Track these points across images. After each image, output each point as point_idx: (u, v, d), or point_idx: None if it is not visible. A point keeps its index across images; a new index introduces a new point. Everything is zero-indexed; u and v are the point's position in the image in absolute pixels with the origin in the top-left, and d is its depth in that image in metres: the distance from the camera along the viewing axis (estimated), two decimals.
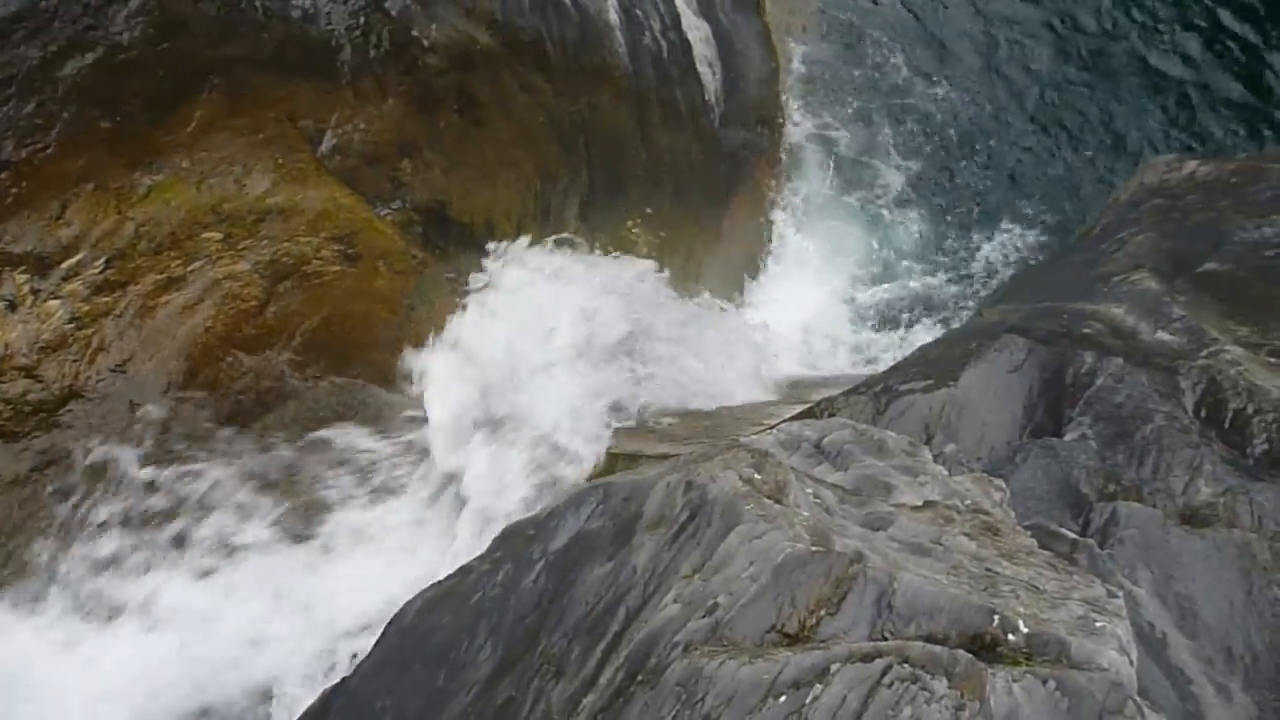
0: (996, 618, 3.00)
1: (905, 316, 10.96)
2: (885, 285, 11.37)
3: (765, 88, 12.33)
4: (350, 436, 6.30)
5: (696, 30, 11.23)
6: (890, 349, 10.07)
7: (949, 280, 11.45)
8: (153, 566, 5.65)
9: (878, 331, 10.67)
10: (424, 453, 6.43)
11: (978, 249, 11.74)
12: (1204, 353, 6.22)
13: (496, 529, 4.44)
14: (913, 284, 11.39)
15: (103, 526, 5.64)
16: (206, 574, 5.74)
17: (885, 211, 12.03)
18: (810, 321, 10.47)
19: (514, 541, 3.98)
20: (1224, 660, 4.57)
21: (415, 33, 7.46)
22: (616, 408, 6.88)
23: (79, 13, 6.04)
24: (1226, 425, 5.80)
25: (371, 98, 7.14)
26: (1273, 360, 6.25)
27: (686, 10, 11.21)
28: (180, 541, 5.77)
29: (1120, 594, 3.42)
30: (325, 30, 6.96)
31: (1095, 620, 3.13)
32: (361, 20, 7.15)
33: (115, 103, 6.10)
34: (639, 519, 3.61)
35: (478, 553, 4.20)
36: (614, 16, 9.84)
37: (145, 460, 5.83)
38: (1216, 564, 4.87)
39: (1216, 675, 4.57)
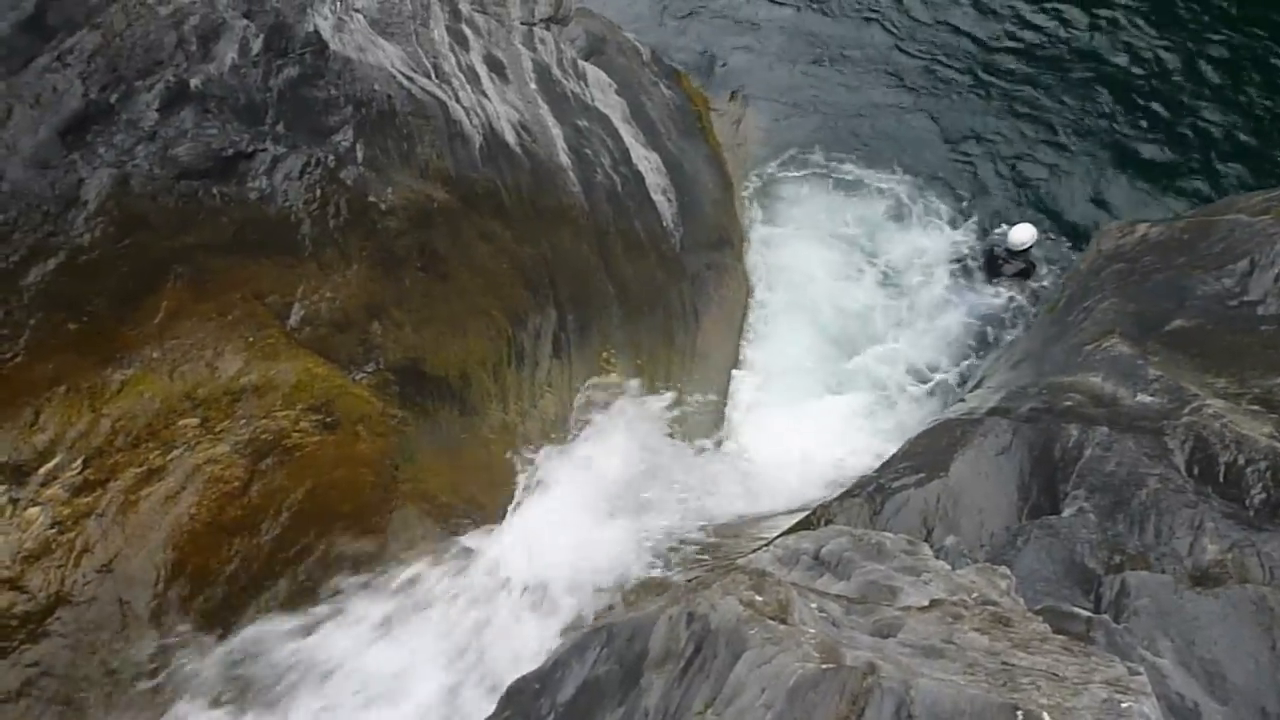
0: (1020, 713, 2.92)
1: (883, 415, 10.99)
2: (863, 388, 11.44)
3: (721, 208, 12.62)
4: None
5: (647, 161, 11.55)
6: (871, 450, 10.03)
7: (923, 373, 11.54)
8: None
9: (857, 433, 10.67)
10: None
11: (949, 336, 11.88)
12: (1186, 410, 6.23)
13: None
14: (889, 384, 11.47)
15: None
16: None
17: (855, 315, 12.19)
18: (788, 432, 10.46)
19: (521, 698, 3.88)
20: None
21: (372, 198, 7.61)
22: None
23: (39, 221, 6.14)
24: (1221, 479, 5.77)
25: (335, 266, 7.24)
26: (1255, 408, 6.27)
27: (635, 144, 11.54)
28: None
29: (1142, 670, 3.34)
30: (283, 207, 7.10)
31: (1121, 701, 3.05)
32: (318, 193, 7.30)
33: (81, 303, 6.16)
34: (645, 658, 3.52)
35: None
36: (565, 158, 10.11)
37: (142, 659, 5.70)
38: (1235, 623, 4.79)
39: None
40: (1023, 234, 11.77)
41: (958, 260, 12.67)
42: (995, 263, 12.21)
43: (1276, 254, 7.24)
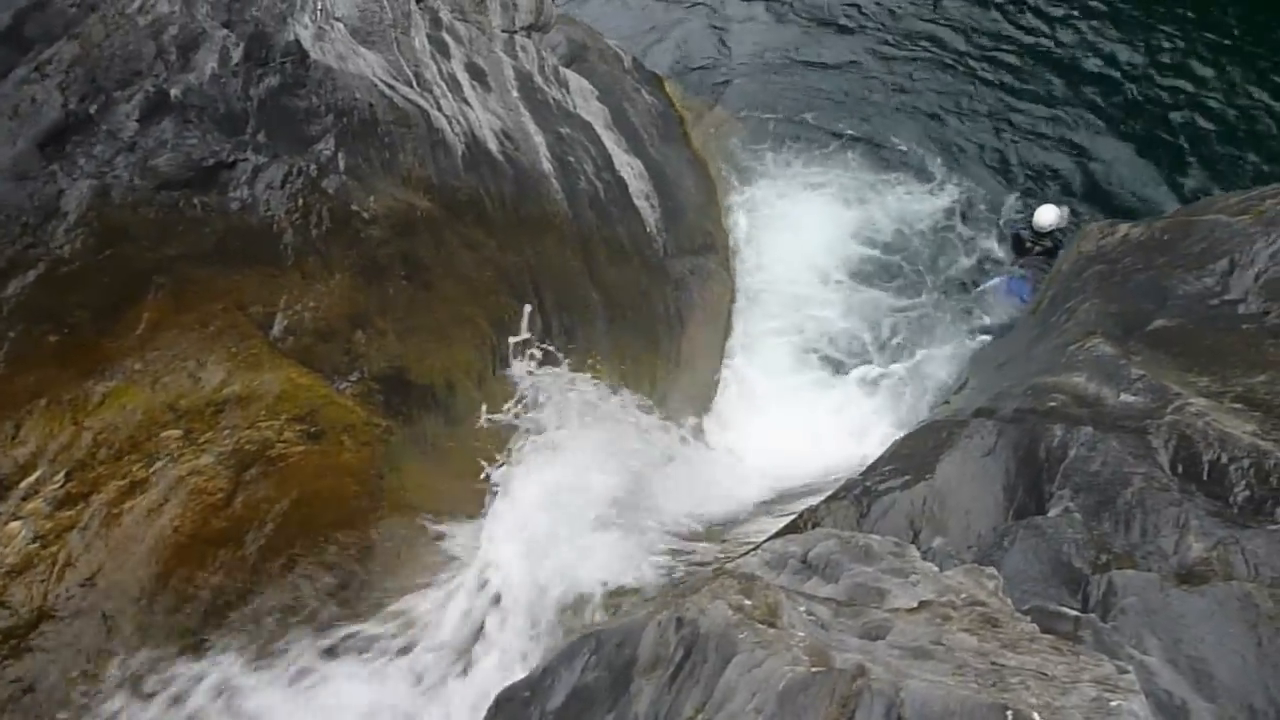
0: (1010, 713, 2.92)
1: (867, 421, 10.98)
2: (844, 392, 11.44)
3: (704, 213, 12.64)
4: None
5: (629, 168, 11.56)
6: (856, 454, 10.03)
7: (908, 370, 11.55)
8: None
9: (842, 437, 10.66)
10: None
11: (933, 334, 11.91)
12: (1169, 409, 6.25)
13: None
14: (870, 389, 11.47)
15: None
16: None
17: (839, 319, 12.20)
18: (774, 433, 10.46)
19: (510, 707, 3.85)
20: (1247, 719, 4.46)
21: (354, 207, 7.60)
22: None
23: (18, 233, 6.11)
24: (1205, 477, 5.79)
25: (318, 275, 7.22)
26: (1238, 406, 6.29)
27: (617, 150, 11.55)
28: None
29: (1130, 668, 3.35)
30: (265, 217, 7.07)
31: (1110, 700, 3.06)
32: (300, 202, 7.27)
33: (62, 315, 6.12)
34: (634, 664, 3.51)
35: None
36: (547, 165, 10.11)
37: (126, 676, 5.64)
38: (1222, 620, 4.79)
39: None
40: (1048, 215, 11.87)
41: (965, 250, 12.72)
42: (1021, 245, 12.25)
43: (1256, 253, 7.28)
